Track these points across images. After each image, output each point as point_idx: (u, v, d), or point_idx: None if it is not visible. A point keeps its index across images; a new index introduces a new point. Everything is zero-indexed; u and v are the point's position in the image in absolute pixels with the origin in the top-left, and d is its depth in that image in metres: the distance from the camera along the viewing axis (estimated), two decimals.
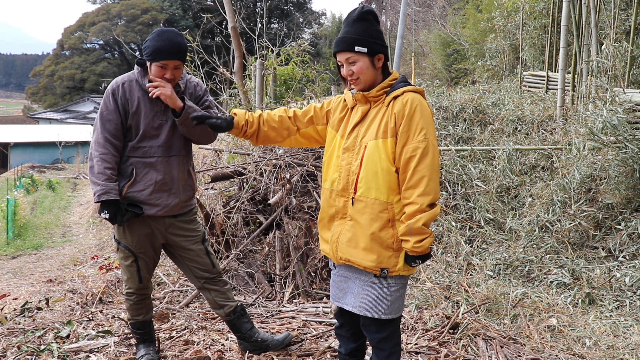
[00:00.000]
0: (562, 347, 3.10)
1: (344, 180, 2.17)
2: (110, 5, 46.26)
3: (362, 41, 2.11)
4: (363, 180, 2.11)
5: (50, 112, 41.52)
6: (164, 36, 2.52)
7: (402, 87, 2.14)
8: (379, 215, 2.09)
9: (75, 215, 15.61)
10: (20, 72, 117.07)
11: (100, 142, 2.55)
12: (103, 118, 2.57)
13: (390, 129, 2.09)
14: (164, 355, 2.91)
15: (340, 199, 2.18)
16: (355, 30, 2.13)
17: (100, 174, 2.52)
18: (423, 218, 2.01)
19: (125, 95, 2.57)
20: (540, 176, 5.40)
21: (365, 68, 2.13)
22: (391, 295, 2.16)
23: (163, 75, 2.55)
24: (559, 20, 7.94)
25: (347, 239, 2.16)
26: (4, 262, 9.80)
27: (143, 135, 2.60)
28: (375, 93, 2.16)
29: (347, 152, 2.18)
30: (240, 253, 4.22)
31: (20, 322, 3.50)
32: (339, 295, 2.29)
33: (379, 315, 2.15)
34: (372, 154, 2.10)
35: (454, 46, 17.43)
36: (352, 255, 2.15)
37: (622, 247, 4.31)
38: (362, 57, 2.12)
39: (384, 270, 2.11)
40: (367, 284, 2.17)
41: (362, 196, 2.11)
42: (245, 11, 32.54)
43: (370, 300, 2.16)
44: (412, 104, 2.07)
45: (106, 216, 2.52)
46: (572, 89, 7.00)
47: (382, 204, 2.09)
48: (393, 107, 2.11)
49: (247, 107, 6.32)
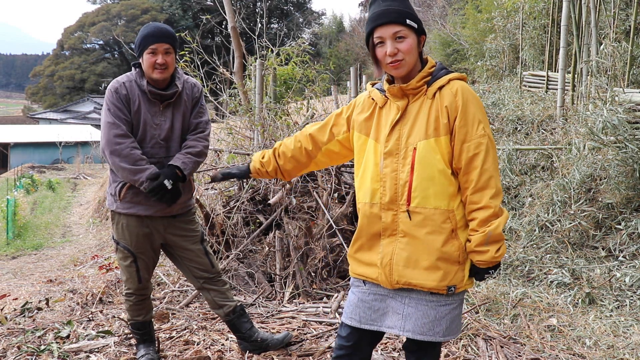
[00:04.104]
0: (562, 347, 3.10)
1: (390, 191, 1.83)
2: (110, 5, 46.27)
3: (412, 16, 1.81)
4: (418, 189, 1.80)
5: (50, 112, 41.53)
6: (150, 26, 2.60)
7: (445, 74, 1.84)
8: (442, 227, 1.80)
9: (75, 215, 15.61)
10: (20, 72, 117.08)
11: (122, 134, 2.52)
12: (114, 114, 2.54)
13: (443, 125, 1.79)
14: (164, 355, 2.91)
15: (388, 213, 1.85)
16: (401, 3, 1.82)
17: (142, 160, 2.53)
18: (501, 223, 1.76)
19: (128, 94, 2.58)
20: (540, 176, 5.41)
21: (413, 48, 1.81)
22: (450, 313, 1.86)
23: (155, 61, 2.54)
24: (559, 20, 7.94)
25: (404, 260, 1.83)
26: (4, 262, 9.80)
27: (143, 135, 2.61)
28: (415, 84, 1.82)
29: (390, 157, 1.85)
30: (240, 253, 4.22)
31: (21, 322, 3.50)
32: (373, 317, 1.92)
33: (437, 337, 1.85)
34: (426, 156, 1.79)
35: (454, 46, 17.42)
36: (412, 277, 1.82)
37: (622, 247, 4.31)
38: (412, 34, 1.80)
39: (451, 287, 1.82)
40: (422, 302, 1.86)
41: (418, 207, 1.80)
42: (245, 11, 32.55)
43: (427, 322, 1.84)
44: (463, 93, 1.80)
45: (170, 185, 2.54)
46: (572, 89, 7.00)
47: (443, 213, 1.80)
48: (442, 100, 1.81)
49: (246, 107, 6.31)
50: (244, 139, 5.95)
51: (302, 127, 5.38)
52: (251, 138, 5.88)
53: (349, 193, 4.44)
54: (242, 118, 6.22)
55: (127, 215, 2.64)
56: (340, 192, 4.47)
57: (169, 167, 2.60)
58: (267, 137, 5.23)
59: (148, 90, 2.58)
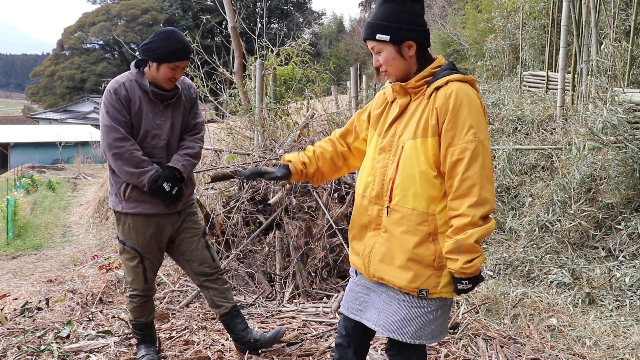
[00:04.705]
0: (562, 347, 3.10)
1: (378, 186, 1.87)
2: (110, 5, 46.28)
3: (384, 28, 1.80)
4: (399, 187, 1.80)
5: (50, 112, 41.53)
6: (174, 38, 2.52)
7: (447, 75, 1.80)
8: (417, 228, 1.78)
9: (75, 215, 15.61)
10: (20, 72, 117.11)
11: (121, 137, 2.51)
12: (112, 116, 2.51)
13: (432, 126, 1.77)
14: (164, 356, 2.91)
15: (374, 207, 1.88)
16: (381, 13, 1.82)
17: (144, 161, 2.54)
18: (476, 234, 1.69)
19: (128, 95, 2.55)
20: (540, 176, 5.41)
21: (391, 59, 1.82)
22: (423, 317, 1.83)
23: (172, 76, 2.56)
24: (559, 20, 7.94)
25: (381, 254, 1.86)
26: (4, 262, 9.80)
27: (144, 135, 2.60)
28: (414, 83, 1.83)
29: (384, 153, 1.88)
30: (240, 253, 4.22)
31: (21, 322, 3.50)
32: (357, 307, 1.99)
33: (404, 338, 1.83)
34: (410, 156, 1.79)
35: (454, 46, 17.43)
36: (386, 273, 1.85)
37: (622, 247, 4.31)
38: (386, 46, 1.81)
39: (423, 291, 1.80)
40: (395, 300, 1.86)
41: (397, 205, 1.81)
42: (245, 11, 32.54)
43: (396, 320, 1.85)
44: (457, 96, 1.74)
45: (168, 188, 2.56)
46: (572, 89, 7.00)
47: (420, 215, 1.78)
48: (435, 101, 1.78)
49: (246, 107, 6.32)
50: (244, 139, 5.96)
51: (302, 127, 5.38)
52: (251, 138, 5.88)
53: (349, 193, 4.44)
54: (242, 118, 6.23)
55: (133, 215, 2.64)
56: (340, 192, 4.47)
57: (168, 169, 2.61)
58: (267, 137, 5.23)
59: (150, 90, 2.57)
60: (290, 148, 4.83)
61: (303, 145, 4.88)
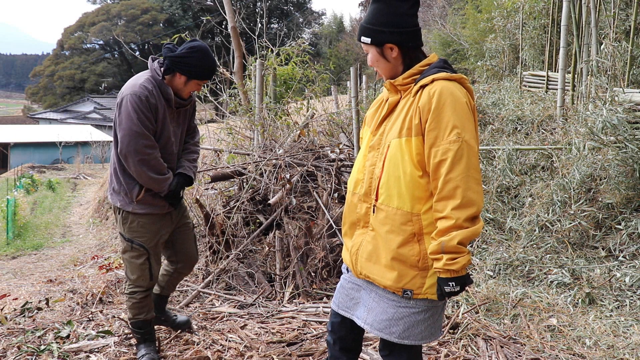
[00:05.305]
0: (562, 347, 3.10)
1: (367, 184, 1.87)
2: (110, 5, 46.28)
3: (366, 30, 1.84)
4: (384, 186, 1.80)
5: (50, 112, 41.53)
6: (210, 57, 2.61)
7: (435, 73, 1.77)
8: (401, 228, 1.78)
9: (75, 215, 15.61)
10: (20, 72, 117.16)
11: (151, 144, 2.56)
12: (143, 123, 2.50)
13: (415, 125, 1.76)
14: (164, 355, 2.91)
15: (363, 204, 1.88)
16: (368, 15, 1.85)
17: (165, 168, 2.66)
18: (459, 236, 1.67)
19: (156, 103, 2.56)
20: (540, 176, 5.40)
21: (375, 60, 1.86)
22: (410, 317, 1.83)
23: (196, 89, 2.70)
24: (559, 20, 7.93)
25: (367, 253, 1.86)
26: (4, 262, 9.79)
27: (165, 142, 2.67)
28: (401, 81, 1.83)
29: (373, 151, 1.88)
30: (240, 253, 4.22)
31: (20, 322, 3.50)
32: (348, 304, 2.00)
33: (392, 337, 1.84)
34: (394, 155, 1.79)
35: (454, 46, 17.42)
36: (372, 272, 1.85)
37: (622, 247, 4.31)
38: (370, 48, 1.86)
39: (407, 291, 1.80)
40: (384, 299, 1.86)
41: (382, 204, 1.81)
42: (245, 11, 32.56)
43: (384, 319, 1.85)
44: (440, 95, 1.71)
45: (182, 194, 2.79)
46: (572, 89, 7.00)
47: (405, 215, 1.77)
48: (419, 99, 1.76)
49: (246, 107, 6.32)
50: (244, 139, 5.96)
51: (302, 127, 5.38)
52: (251, 138, 5.88)
53: None
54: (242, 118, 6.23)
55: (143, 215, 2.70)
56: (340, 192, 4.47)
57: (182, 176, 2.75)
58: (267, 137, 5.23)
59: (175, 99, 2.64)
60: (290, 148, 4.83)
61: (303, 145, 4.87)
